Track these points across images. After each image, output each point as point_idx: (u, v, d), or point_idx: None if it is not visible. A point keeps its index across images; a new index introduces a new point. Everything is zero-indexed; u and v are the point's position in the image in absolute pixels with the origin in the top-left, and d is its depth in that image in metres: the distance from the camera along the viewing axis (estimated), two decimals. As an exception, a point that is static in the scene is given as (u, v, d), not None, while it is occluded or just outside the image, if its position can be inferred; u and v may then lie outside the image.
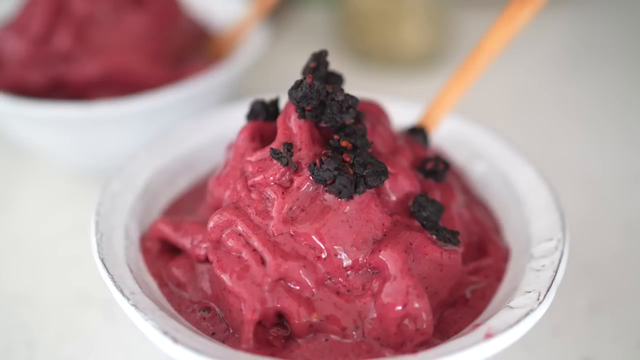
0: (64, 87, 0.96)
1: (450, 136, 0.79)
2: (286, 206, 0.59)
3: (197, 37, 1.08)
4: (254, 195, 0.61)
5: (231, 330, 0.59)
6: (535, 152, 0.83)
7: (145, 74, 0.96)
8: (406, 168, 0.64)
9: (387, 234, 0.59)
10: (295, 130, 0.62)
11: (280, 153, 0.60)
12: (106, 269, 0.60)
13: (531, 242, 0.65)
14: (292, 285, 0.58)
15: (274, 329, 0.59)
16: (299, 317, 0.57)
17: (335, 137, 0.61)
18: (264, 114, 0.68)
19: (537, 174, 0.71)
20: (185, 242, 0.65)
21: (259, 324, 0.58)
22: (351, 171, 0.59)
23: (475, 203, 0.73)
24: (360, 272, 0.58)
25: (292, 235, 0.58)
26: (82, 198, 0.95)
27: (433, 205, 0.62)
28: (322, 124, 0.62)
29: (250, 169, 0.62)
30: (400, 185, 0.62)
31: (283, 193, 0.59)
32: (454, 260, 0.61)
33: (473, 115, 0.83)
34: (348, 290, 0.58)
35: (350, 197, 0.59)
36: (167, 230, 0.66)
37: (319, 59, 0.65)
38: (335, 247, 0.58)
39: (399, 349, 0.57)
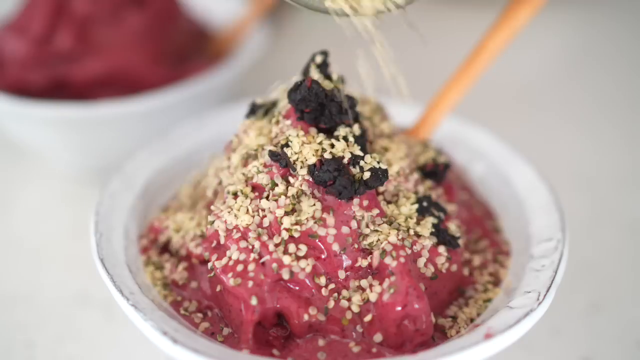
0: (65, 87, 0.96)
1: (450, 136, 0.79)
2: (286, 207, 0.59)
3: (197, 37, 1.08)
4: (253, 196, 0.61)
5: (231, 331, 0.59)
6: (535, 152, 0.83)
7: (146, 73, 0.96)
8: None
9: (386, 234, 0.59)
10: (294, 131, 0.61)
11: (280, 154, 0.60)
12: (105, 269, 0.60)
13: (531, 242, 0.65)
14: (291, 286, 0.58)
15: (274, 329, 0.59)
16: (299, 317, 0.57)
17: (335, 137, 0.61)
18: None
19: (537, 173, 0.71)
20: (185, 242, 0.65)
21: (259, 324, 0.58)
22: (351, 172, 0.59)
23: (475, 203, 0.73)
24: (360, 272, 0.58)
25: (291, 236, 0.58)
26: (82, 198, 0.95)
27: (435, 207, 0.62)
28: (322, 125, 0.62)
29: (250, 169, 0.62)
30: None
31: (282, 194, 0.59)
32: (454, 261, 0.61)
33: (473, 115, 0.83)
34: (348, 290, 0.58)
35: (350, 198, 0.59)
36: (167, 230, 0.66)
37: (320, 59, 0.65)
38: (335, 247, 0.58)
39: (399, 349, 0.57)
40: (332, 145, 0.60)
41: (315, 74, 0.64)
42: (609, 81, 1.27)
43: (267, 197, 0.60)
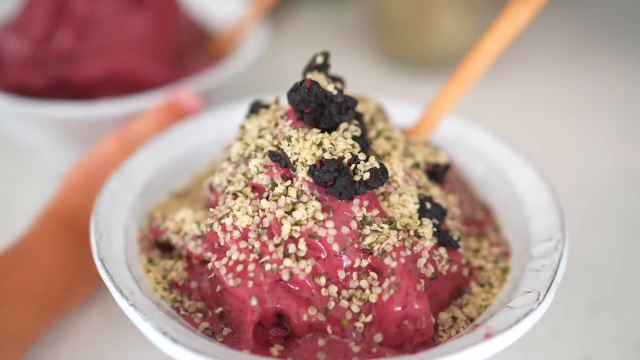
0: (65, 87, 0.96)
1: (450, 136, 0.79)
2: (286, 207, 0.59)
3: (197, 37, 1.08)
4: (253, 196, 0.61)
5: (231, 331, 0.59)
6: (535, 152, 0.83)
7: (146, 74, 0.96)
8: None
9: (386, 234, 0.59)
10: (294, 132, 0.61)
11: (280, 155, 0.60)
12: (105, 269, 0.60)
13: (531, 242, 0.65)
14: (291, 286, 0.58)
15: (274, 329, 0.59)
16: (299, 317, 0.57)
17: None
18: (263, 114, 0.68)
19: (536, 173, 0.71)
20: (185, 243, 0.65)
21: (259, 324, 0.58)
22: (351, 172, 0.59)
23: (475, 203, 0.73)
24: (360, 272, 0.58)
25: (291, 236, 0.58)
26: (82, 198, 0.95)
27: (436, 208, 0.62)
28: (322, 125, 0.62)
29: (250, 170, 0.62)
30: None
31: (282, 194, 0.59)
32: (454, 262, 0.61)
33: (473, 115, 0.83)
34: (348, 290, 0.58)
35: (350, 199, 0.59)
36: (166, 231, 0.66)
37: (320, 60, 0.65)
38: (335, 247, 0.58)
39: (399, 349, 0.57)
40: (332, 146, 0.60)
41: (315, 75, 0.64)
42: (609, 81, 1.27)
43: (267, 198, 0.60)
